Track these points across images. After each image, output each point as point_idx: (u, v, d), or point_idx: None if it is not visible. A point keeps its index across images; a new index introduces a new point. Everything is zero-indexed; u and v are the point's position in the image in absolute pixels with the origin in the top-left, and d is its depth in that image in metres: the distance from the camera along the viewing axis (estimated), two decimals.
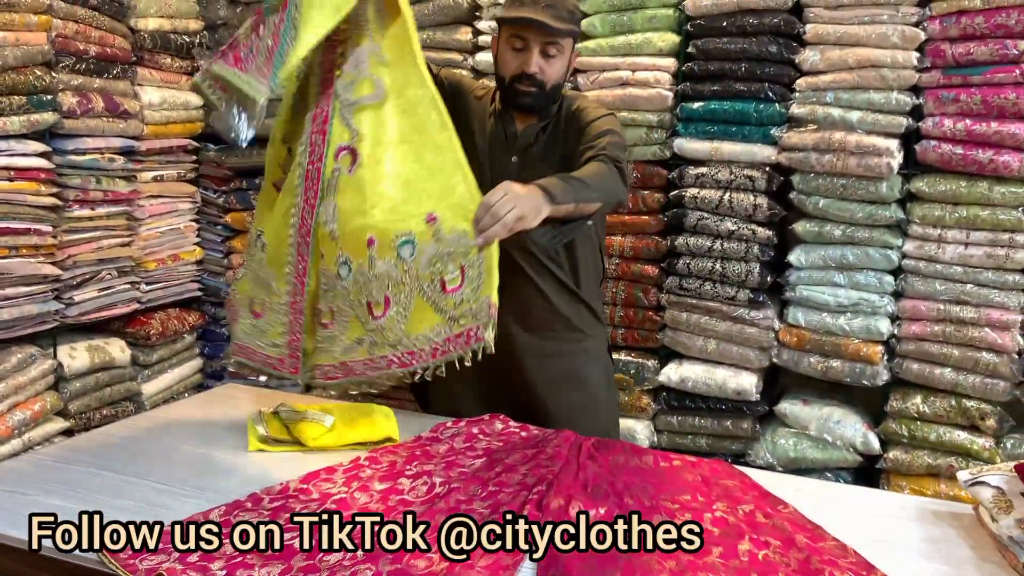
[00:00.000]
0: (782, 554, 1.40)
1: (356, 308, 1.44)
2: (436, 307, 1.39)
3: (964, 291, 2.46)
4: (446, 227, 1.47)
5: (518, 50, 1.91)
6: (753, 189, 2.63)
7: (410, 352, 1.36)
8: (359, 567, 1.36)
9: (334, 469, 1.81)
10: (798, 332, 2.66)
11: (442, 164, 1.59)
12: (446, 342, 1.37)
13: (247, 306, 1.63)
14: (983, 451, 2.49)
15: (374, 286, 1.44)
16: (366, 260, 1.47)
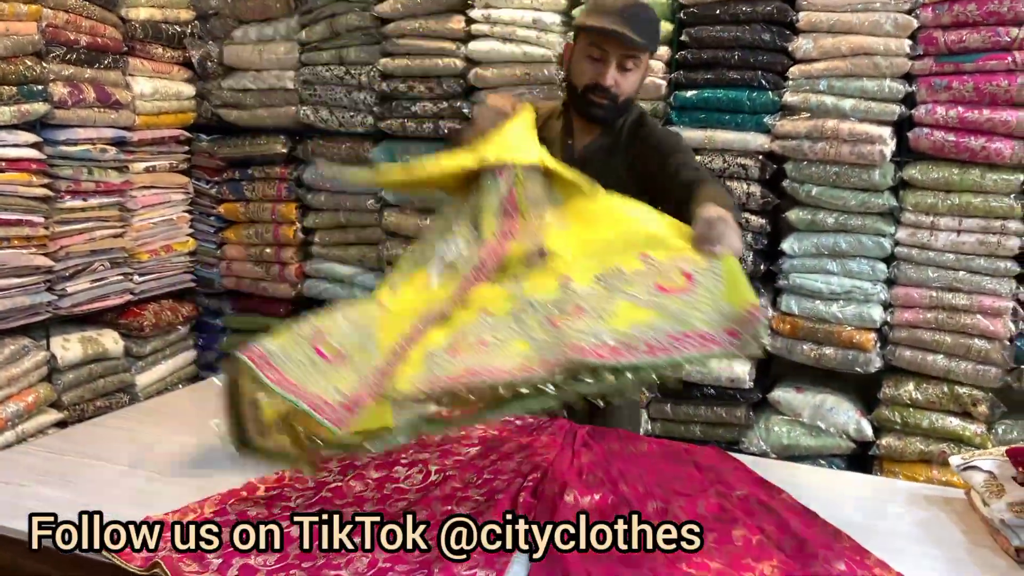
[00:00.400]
0: (776, 539, 1.41)
1: (530, 330, 1.38)
2: (654, 307, 1.32)
3: (956, 278, 2.47)
4: (660, 256, 1.43)
5: (595, 59, 1.83)
6: (747, 177, 2.63)
7: (618, 345, 1.26)
8: (355, 555, 1.37)
9: (329, 457, 1.81)
10: (791, 320, 2.66)
11: (637, 224, 1.56)
12: (675, 339, 1.27)
13: (308, 337, 1.44)
14: (975, 437, 2.50)
15: (563, 305, 1.39)
16: (556, 289, 1.43)
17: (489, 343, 1.36)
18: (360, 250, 3.21)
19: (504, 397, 1.28)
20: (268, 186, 3.32)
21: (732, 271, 1.34)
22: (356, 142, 3.16)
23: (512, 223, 1.61)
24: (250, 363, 1.33)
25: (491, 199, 1.63)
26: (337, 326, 1.48)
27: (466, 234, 1.64)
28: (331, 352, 1.42)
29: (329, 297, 3.29)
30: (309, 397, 1.30)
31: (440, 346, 1.41)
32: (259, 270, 3.38)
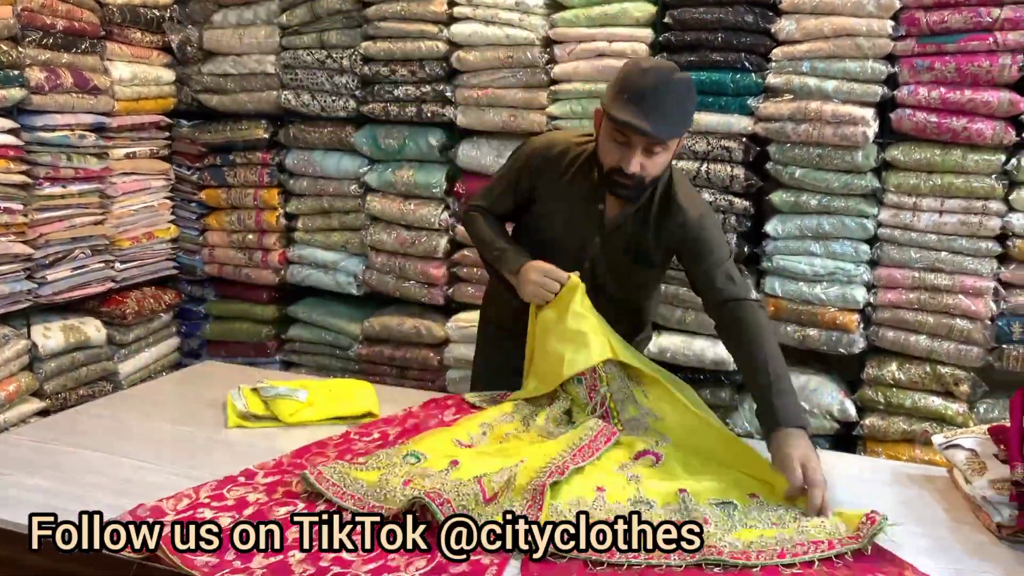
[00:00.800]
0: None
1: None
2: (774, 527, 1.45)
3: (938, 259, 2.49)
4: (768, 498, 1.54)
5: (620, 143, 1.74)
6: (730, 160, 2.63)
7: (750, 551, 1.37)
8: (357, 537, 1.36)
9: (325, 444, 1.81)
10: (775, 302, 2.68)
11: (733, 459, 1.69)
12: (801, 544, 1.38)
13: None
14: (957, 416, 2.53)
15: (686, 514, 1.48)
16: (676, 499, 1.53)
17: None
18: (344, 235, 3.20)
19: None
20: (250, 172, 3.29)
21: (838, 511, 1.46)
22: (338, 126, 3.14)
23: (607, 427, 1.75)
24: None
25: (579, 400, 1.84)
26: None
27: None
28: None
29: (313, 284, 3.28)
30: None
31: (563, 502, 1.50)
32: (242, 256, 3.36)
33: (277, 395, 1.98)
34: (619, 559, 1.32)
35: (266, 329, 3.40)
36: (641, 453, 1.70)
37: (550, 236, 1.96)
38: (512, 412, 1.84)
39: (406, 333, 3.08)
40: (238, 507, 1.47)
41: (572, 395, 1.86)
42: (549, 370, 1.85)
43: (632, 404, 1.81)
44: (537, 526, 1.36)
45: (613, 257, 1.93)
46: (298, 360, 3.38)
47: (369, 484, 1.51)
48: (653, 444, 1.72)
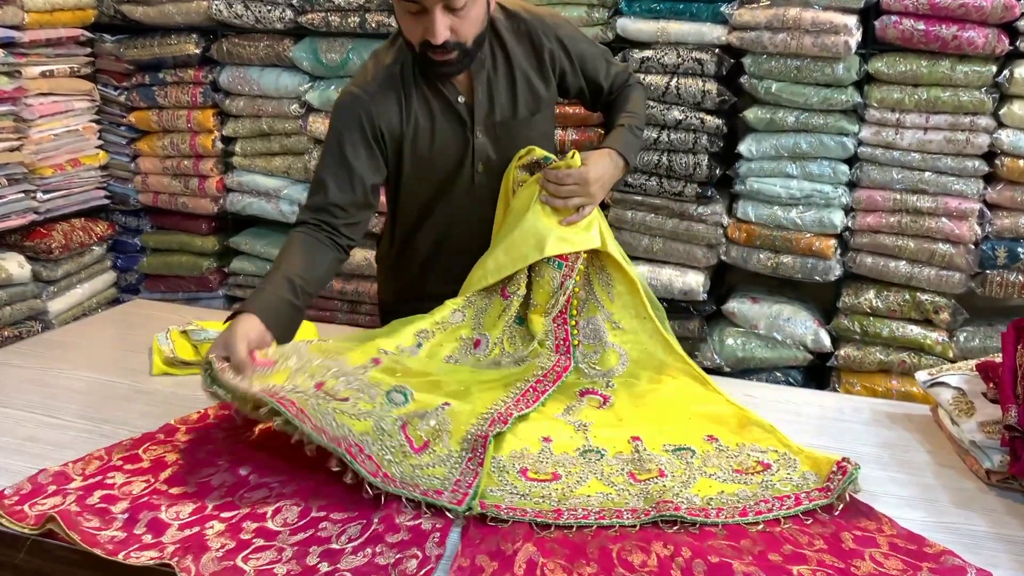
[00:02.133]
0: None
1: (609, 475, 1.37)
2: (736, 481, 1.34)
3: (922, 179, 2.37)
4: (727, 440, 1.45)
5: (415, 14, 1.52)
6: (702, 74, 2.46)
7: (710, 508, 1.27)
8: (284, 503, 1.24)
9: None
10: (747, 227, 2.55)
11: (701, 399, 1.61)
12: (766, 502, 1.28)
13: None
14: (936, 345, 2.45)
15: (641, 464, 1.39)
16: (629, 448, 1.44)
17: (561, 476, 1.34)
18: (285, 160, 3.00)
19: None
20: (181, 91, 3.05)
21: (808, 454, 1.37)
22: (275, 40, 2.90)
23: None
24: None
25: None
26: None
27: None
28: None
29: (255, 213, 3.09)
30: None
31: (506, 455, 1.39)
32: (177, 184, 3.15)
33: (207, 339, 1.83)
34: (567, 519, 1.22)
35: (207, 262, 3.22)
36: (586, 391, 1.60)
37: (428, 176, 1.73)
38: (461, 308, 1.67)
39: (355, 265, 2.92)
40: (154, 470, 1.33)
41: (542, 281, 1.67)
42: (524, 243, 1.65)
43: (595, 304, 1.70)
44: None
45: (505, 135, 1.74)
46: (243, 295, 3.22)
47: (361, 431, 1.32)
48: (602, 385, 1.62)
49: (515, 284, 1.67)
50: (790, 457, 1.39)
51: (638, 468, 1.37)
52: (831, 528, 1.23)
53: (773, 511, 1.25)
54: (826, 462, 1.33)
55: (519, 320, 1.71)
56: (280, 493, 1.28)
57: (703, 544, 1.16)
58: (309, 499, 1.26)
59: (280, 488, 1.29)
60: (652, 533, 1.21)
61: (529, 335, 1.70)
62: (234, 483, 1.31)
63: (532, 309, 1.71)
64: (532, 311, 1.71)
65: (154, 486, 1.29)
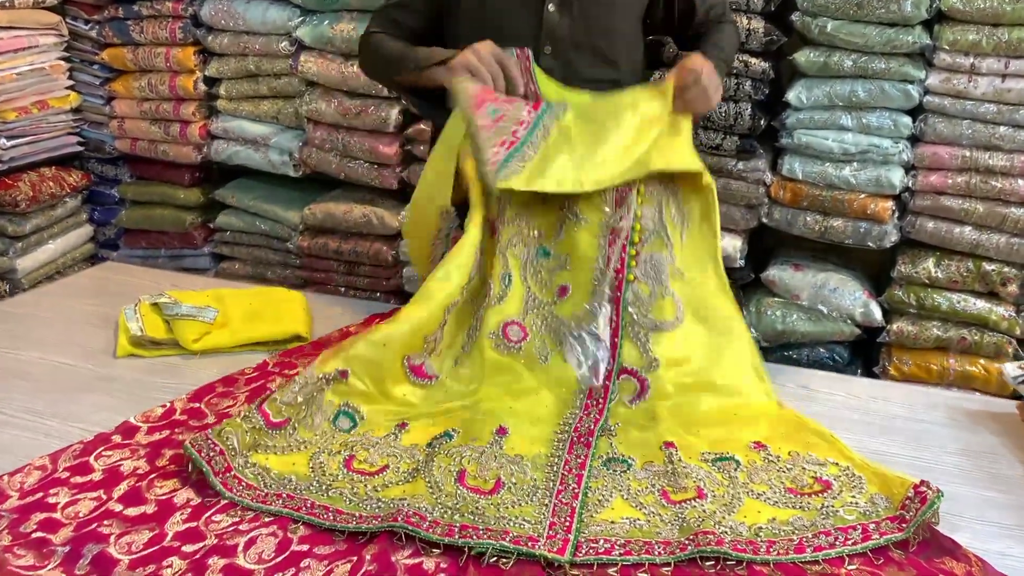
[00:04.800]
0: None
1: (636, 495, 1.20)
2: (791, 506, 1.17)
3: (996, 134, 2.13)
4: (778, 449, 1.29)
5: None
6: (747, 9, 2.21)
7: (760, 543, 1.08)
8: (259, 531, 1.06)
9: (233, 380, 1.49)
10: (793, 186, 2.32)
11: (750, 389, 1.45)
12: (827, 535, 1.10)
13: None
14: (1002, 321, 2.24)
15: (677, 480, 1.22)
16: (662, 459, 1.27)
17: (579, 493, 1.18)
18: (275, 104, 2.75)
19: None
20: (159, 26, 2.80)
21: (875, 470, 1.20)
22: None
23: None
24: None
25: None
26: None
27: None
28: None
29: (242, 163, 2.86)
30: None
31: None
32: (157, 130, 2.92)
33: (179, 314, 1.63)
34: (586, 555, 1.04)
35: (191, 216, 3.01)
36: (623, 371, 1.42)
37: (491, 25, 1.59)
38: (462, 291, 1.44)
39: (354, 222, 2.70)
40: (107, 483, 1.15)
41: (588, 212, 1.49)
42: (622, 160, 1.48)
43: (662, 240, 1.50)
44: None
45: (581, 12, 1.62)
46: (231, 252, 3.01)
47: (300, 477, 1.19)
48: (643, 365, 1.43)
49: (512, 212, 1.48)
50: (854, 474, 1.21)
51: (672, 485, 1.19)
52: (911, 573, 1.04)
53: (836, 546, 1.07)
54: (899, 484, 1.14)
55: (543, 252, 1.50)
56: (255, 518, 1.10)
57: None
58: (288, 527, 1.08)
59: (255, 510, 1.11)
60: (687, 571, 1.02)
61: (559, 264, 1.48)
62: (200, 502, 1.12)
63: (579, 225, 1.48)
64: (579, 227, 1.48)
65: (106, 506, 1.11)
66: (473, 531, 1.05)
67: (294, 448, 1.24)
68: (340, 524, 1.08)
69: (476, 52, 1.46)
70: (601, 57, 1.65)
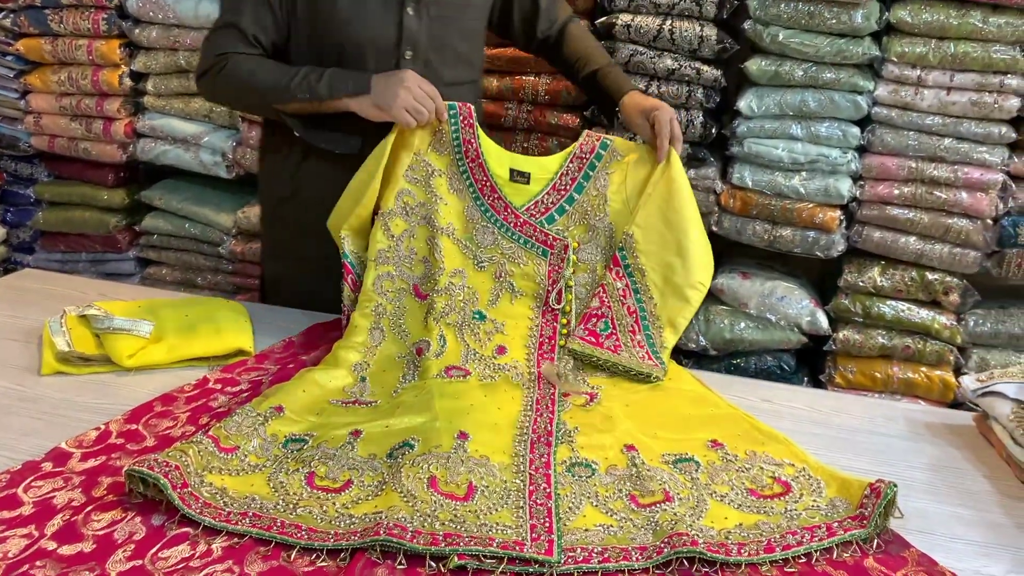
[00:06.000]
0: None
1: (605, 500, 1.20)
2: (755, 511, 1.18)
3: (942, 146, 2.17)
4: (734, 448, 1.31)
5: None
6: (700, 16, 2.20)
7: (732, 545, 1.09)
8: (213, 569, 0.99)
9: (172, 398, 1.40)
10: (743, 195, 2.33)
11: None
12: (793, 534, 1.12)
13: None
14: (944, 330, 2.29)
15: (643, 484, 1.22)
16: (625, 462, 1.27)
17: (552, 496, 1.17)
18: (206, 103, 2.65)
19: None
20: (81, 16, 2.66)
21: (831, 473, 1.23)
22: None
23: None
24: None
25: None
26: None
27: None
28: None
29: (171, 163, 2.74)
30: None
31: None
32: (77, 127, 2.77)
33: (111, 328, 1.53)
34: (567, 566, 1.04)
35: (115, 219, 2.86)
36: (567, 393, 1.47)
37: (348, 33, 1.59)
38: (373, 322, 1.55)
39: None
40: (38, 518, 1.06)
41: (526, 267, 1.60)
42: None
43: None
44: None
45: (439, 15, 1.64)
46: (157, 257, 2.88)
47: (262, 496, 1.13)
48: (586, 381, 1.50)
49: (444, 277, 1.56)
50: (811, 476, 1.23)
51: (638, 489, 1.20)
52: None
53: (804, 543, 1.09)
54: (857, 486, 1.17)
55: (478, 315, 1.56)
56: (207, 552, 1.02)
57: None
58: (246, 560, 1.01)
59: (206, 542, 1.04)
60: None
61: (496, 328, 1.56)
62: (145, 536, 1.04)
63: (514, 297, 1.58)
64: (514, 299, 1.58)
65: (38, 544, 1.02)
66: (458, 538, 1.03)
67: (249, 471, 1.18)
68: (317, 543, 1.03)
69: (410, 91, 1.50)
70: (460, 58, 1.69)
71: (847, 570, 1.06)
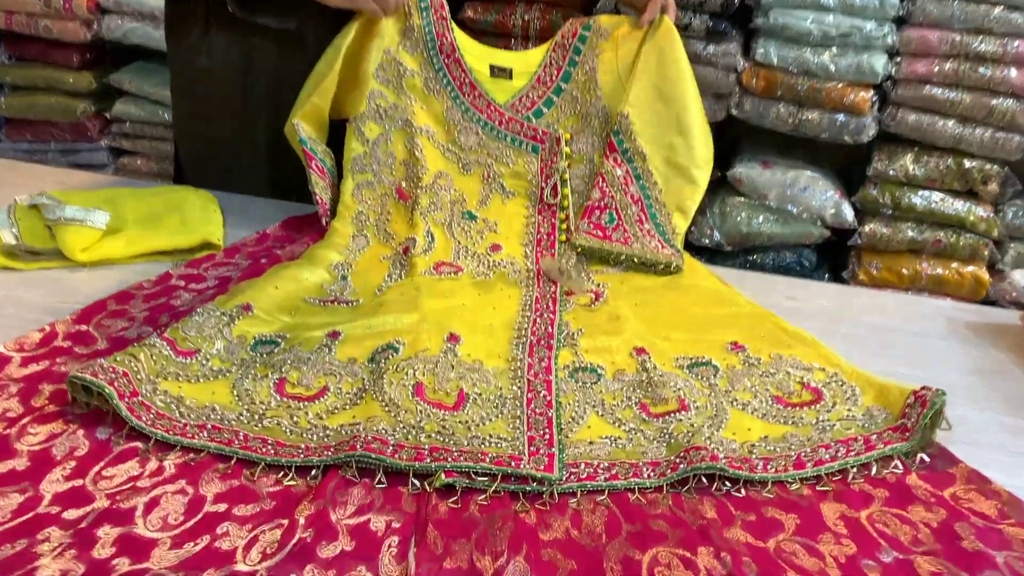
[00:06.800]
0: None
1: (613, 409, 1.06)
2: (782, 421, 1.04)
3: (991, 16, 1.97)
4: (757, 350, 1.17)
5: None
6: None
7: (756, 460, 0.96)
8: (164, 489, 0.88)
9: (129, 296, 1.26)
10: (767, 73, 2.14)
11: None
12: (826, 448, 0.98)
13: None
14: (980, 222, 2.15)
15: (656, 391, 1.08)
16: (634, 366, 1.13)
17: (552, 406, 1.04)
18: None
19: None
20: None
21: (867, 379, 1.09)
22: None
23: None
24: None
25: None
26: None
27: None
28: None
29: (138, 41, 2.54)
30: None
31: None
32: (36, 1, 2.57)
33: (63, 218, 1.39)
34: (569, 483, 0.92)
35: (83, 105, 2.69)
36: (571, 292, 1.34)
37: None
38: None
39: None
40: None
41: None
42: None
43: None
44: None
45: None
46: (131, 147, 2.72)
47: (224, 406, 1.01)
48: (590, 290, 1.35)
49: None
50: (844, 382, 1.09)
51: (650, 396, 1.07)
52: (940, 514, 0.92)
53: (838, 459, 0.96)
54: (897, 392, 1.04)
55: (469, 215, 1.43)
56: (158, 470, 0.90)
57: (763, 543, 0.86)
58: (201, 481, 0.89)
59: (158, 459, 0.92)
60: (686, 502, 0.91)
61: (488, 227, 1.43)
62: (88, 452, 0.93)
63: (505, 197, 1.46)
64: (505, 199, 1.45)
65: None
66: (445, 453, 0.91)
67: (211, 377, 1.05)
68: (285, 459, 0.91)
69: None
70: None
71: (888, 488, 0.94)
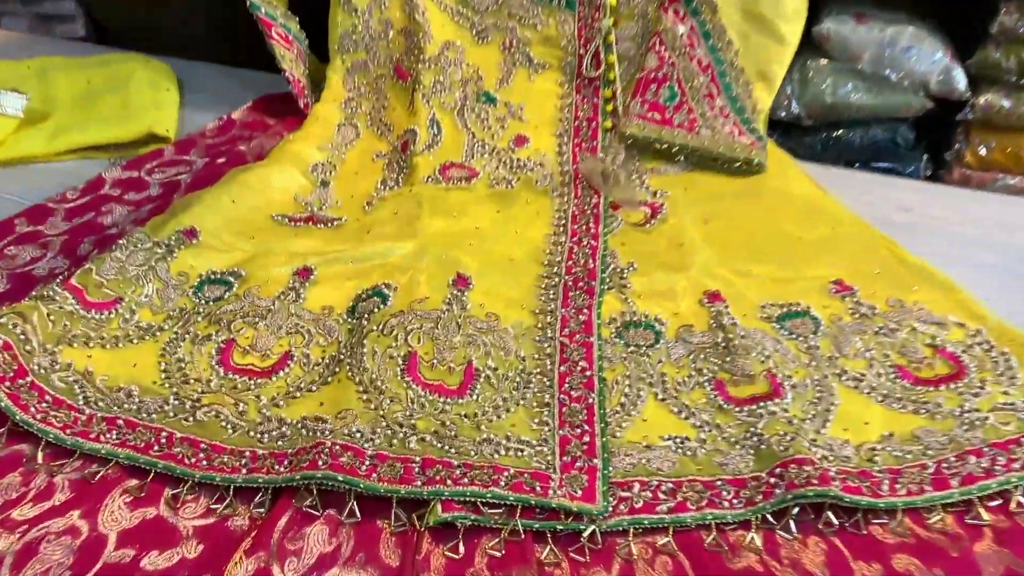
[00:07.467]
0: None
1: (679, 394, 0.76)
2: (911, 407, 0.73)
3: None
4: (869, 294, 0.88)
5: None
6: None
7: (880, 476, 0.66)
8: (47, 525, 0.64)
9: (46, 212, 1.00)
10: None
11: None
12: (978, 455, 0.67)
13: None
14: None
15: (735, 361, 0.78)
16: (706, 322, 0.84)
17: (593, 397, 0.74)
18: None
19: None
20: None
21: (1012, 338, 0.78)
22: None
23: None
24: None
25: None
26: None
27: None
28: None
29: None
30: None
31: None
32: None
33: None
34: (618, 518, 0.65)
35: None
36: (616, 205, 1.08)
37: None
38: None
39: None
40: None
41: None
42: None
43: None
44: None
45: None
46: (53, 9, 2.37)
47: (146, 389, 0.74)
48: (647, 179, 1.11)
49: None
50: (991, 345, 0.79)
51: (729, 369, 0.80)
52: None
53: (998, 473, 0.67)
54: None
55: (486, 97, 1.13)
56: (46, 491, 0.66)
57: None
58: (102, 511, 0.65)
59: (48, 472, 0.67)
60: (783, 547, 0.64)
61: (510, 113, 1.14)
62: None
63: (533, 71, 1.17)
64: (532, 73, 1.16)
65: None
66: (444, 468, 0.64)
67: (134, 338, 0.78)
68: (221, 475, 0.65)
69: None
70: None
71: None
